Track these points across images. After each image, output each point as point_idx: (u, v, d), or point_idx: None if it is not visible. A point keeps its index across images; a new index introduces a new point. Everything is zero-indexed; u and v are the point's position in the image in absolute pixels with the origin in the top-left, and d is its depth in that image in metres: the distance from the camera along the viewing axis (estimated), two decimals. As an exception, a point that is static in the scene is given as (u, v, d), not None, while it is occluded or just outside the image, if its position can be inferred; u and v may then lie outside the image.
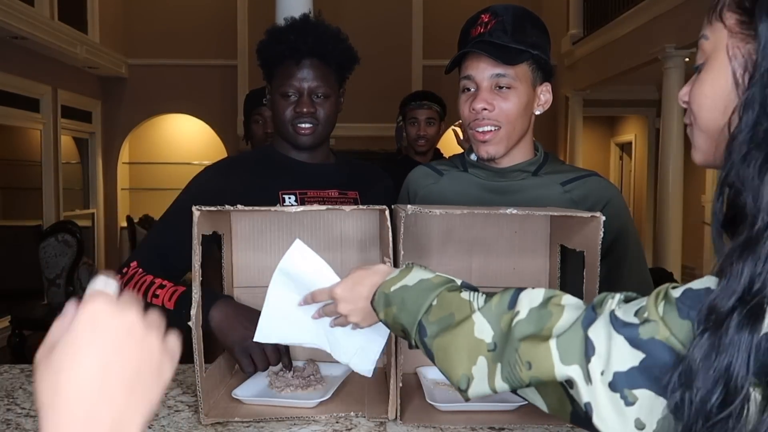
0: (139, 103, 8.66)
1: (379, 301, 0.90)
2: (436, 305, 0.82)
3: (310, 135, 1.53)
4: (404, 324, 0.85)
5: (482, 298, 0.78)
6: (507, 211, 1.14)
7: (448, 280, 0.86)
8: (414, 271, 0.89)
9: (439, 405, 1.18)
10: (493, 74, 1.31)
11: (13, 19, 5.60)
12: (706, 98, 0.69)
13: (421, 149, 3.01)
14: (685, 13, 5.29)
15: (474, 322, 0.75)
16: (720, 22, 0.67)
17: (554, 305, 0.71)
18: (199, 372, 1.15)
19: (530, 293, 0.73)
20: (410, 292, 0.86)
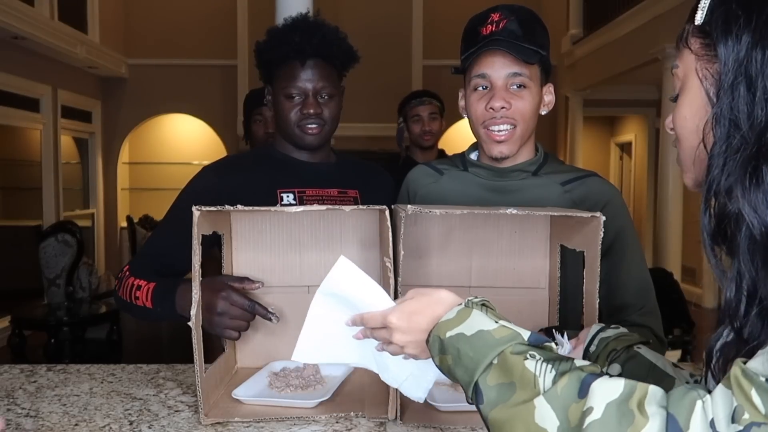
0: (139, 103, 8.67)
1: (434, 345, 0.80)
2: (497, 366, 0.71)
3: (318, 135, 1.52)
4: (459, 379, 0.76)
5: (551, 374, 0.66)
6: (507, 211, 1.14)
7: (512, 335, 0.73)
8: (473, 317, 0.77)
9: (439, 405, 1.18)
10: (510, 73, 1.31)
11: (13, 19, 5.60)
12: (686, 120, 0.72)
13: (427, 143, 3.07)
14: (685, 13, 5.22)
15: (536, 407, 0.65)
16: (687, 48, 0.72)
17: (637, 406, 0.59)
18: (199, 372, 1.15)
19: (606, 384, 0.62)
20: (467, 344, 0.75)
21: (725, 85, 0.65)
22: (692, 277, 7.37)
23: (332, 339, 0.99)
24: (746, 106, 0.64)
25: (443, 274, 1.39)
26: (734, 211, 0.62)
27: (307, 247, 1.41)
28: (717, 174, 0.64)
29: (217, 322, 1.24)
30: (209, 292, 1.25)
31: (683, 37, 0.73)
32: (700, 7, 0.70)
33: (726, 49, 0.65)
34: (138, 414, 1.20)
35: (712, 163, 0.65)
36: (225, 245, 1.38)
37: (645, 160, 8.98)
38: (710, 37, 0.68)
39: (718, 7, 0.67)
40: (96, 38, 7.71)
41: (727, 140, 0.64)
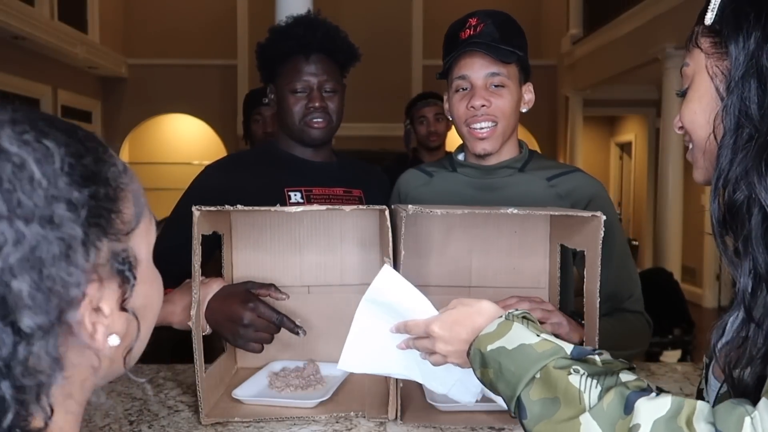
0: (139, 103, 8.67)
1: (475, 359, 0.79)
2: (540, 381, 0.70)
3: (323, 129, 1.53)
4: (501, 393, 0.75)
5: (596, 390, 0.66)
6: (508, 211, 1.14)
7: (555, 349, 0.72)
8: (514, 330, 0.77)
9: (439, 405, 1.18)
10: (488, 73, 1.36)
11: (13, 19, 5.60)
12: (696, 114, 0.76)
13: (434, 144, 3.11)
14: (685, 13, 5.28)
15: (581, 424, 0.64)
16: (697, 48, 0.75)
17: (686, 423, 0.60)
18: (199, 372, 1.15)
19: (652, 401, 0.62)
20: (509, 358, 0.74)
21: (736, 79, 0.68)
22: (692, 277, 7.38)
23: (377, 349, 0.98)
24: (757, 97, 0.67)
25: (443, 274, 1.39)
26: (745, 198, 0.65)
27: (307, 247, 1.41)
28: (727, 163, 0.68)
29: (242, 334, 1.21)
30: (234, 301, 1.22)
31: (693, 38, 0.76)
32: (710, 9, 0.73)
33: (736, 46, 0.69)
34: (138, 414, 1.20)
35: (722, 153, 0.69)
36: (225, 245, 1.37)
37: (645, 160, 8.98)
38: (720, 35, 0.71)
39: (729, 6, 0.71)
40: (96, 38, 7.71)
41: (737, 131, 0.68)
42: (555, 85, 8.70)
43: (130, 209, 0.53)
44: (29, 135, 0.46)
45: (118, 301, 0.51)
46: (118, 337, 0.52)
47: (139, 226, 0.54)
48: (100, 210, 0.49)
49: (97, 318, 0.50)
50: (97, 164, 0.50)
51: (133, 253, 0.53)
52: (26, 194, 0.43)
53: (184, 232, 1.18)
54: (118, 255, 0.51)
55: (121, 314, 0.52)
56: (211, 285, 1.26)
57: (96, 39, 7.71)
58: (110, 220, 0.50)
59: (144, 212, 0.55)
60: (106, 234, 0.50)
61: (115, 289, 0.51)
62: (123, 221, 0.52)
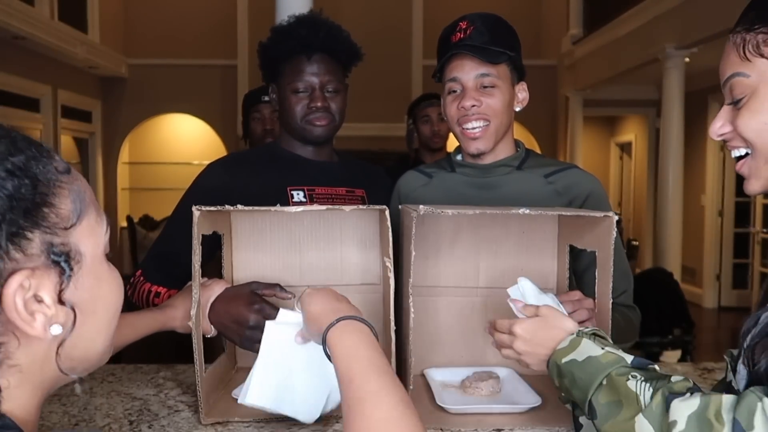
0: (139, 103, 8.67)
1: (553, 370, 0.92)
2: (606, 387, 0.81)
3: (326, 127, 1.53)
4: (576, 398, 0.86)
5: (649, 392, 0.76)
6: (519, 211, 1.13)
7: (617, 359, 0.83)
8: (583, 345, 0.88)
9: (448, 407, 1.17)
10: (478, 74, 1.39)
11: (13, 19, 5.60)
12: (760, 122, 0.75)
13: (437, 145, 3.09)
14: (685, 13, 5.28)
15: (636, 422, 0.75)
16: (759, 58, 0.74)
17: (714, 416, 0.68)
18: (199, 372, 1.15)
19: (685, 402, 0.71)
20: (579, 368, 0.85)
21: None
22: (692, 277, 7.38)
23: (281, 383, 1.03)
24: None
25: (451, 275, 1.39)
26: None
27: (307, 247, 1.41)
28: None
29: (248, 336, 1.20)
30: (240, 302, 1.21)
31: (750, 46, 0.75)
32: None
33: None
34: (138, 414, 1.20)
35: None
36: (225, 245, 1.37)
37: (645, 160, 8.98)
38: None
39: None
40: (96, 38, 7.71)
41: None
42: (555, 85, 8.70)
43: (67, 206, 0.57)
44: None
45: (57, 292, 0.55)
46: (61, 327, 0.55)
47: (81, 222, 0.58)
48: (27, 202, 0.53)
49: (39, 307, 0.53)
50: (28, 162, 0.54)
51: (74, 248, 0.56)
52: None
53: (185, 233, 1.18)
54: (53, 246, 0.54)
55: (59, 306, 0.55)
56: (213, 287, 1.26)
57: (96, 39, 7.71)
58: (42, 213, 0.54)
59: (87, 211, 0.59)
60: (38, 225, 0.54)
61: (54, 281, 0.54)
62: (59, 216, 0.55)
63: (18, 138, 0.57)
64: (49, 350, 0.56)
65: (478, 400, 1.24)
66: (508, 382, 1.30)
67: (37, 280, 0.53)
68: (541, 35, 9.16)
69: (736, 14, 0.82)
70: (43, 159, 0.56)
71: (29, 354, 0.55)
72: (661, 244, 5.87)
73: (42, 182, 0.55)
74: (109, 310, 0.62)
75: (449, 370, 1.35)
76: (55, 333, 0.54)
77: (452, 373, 1.34)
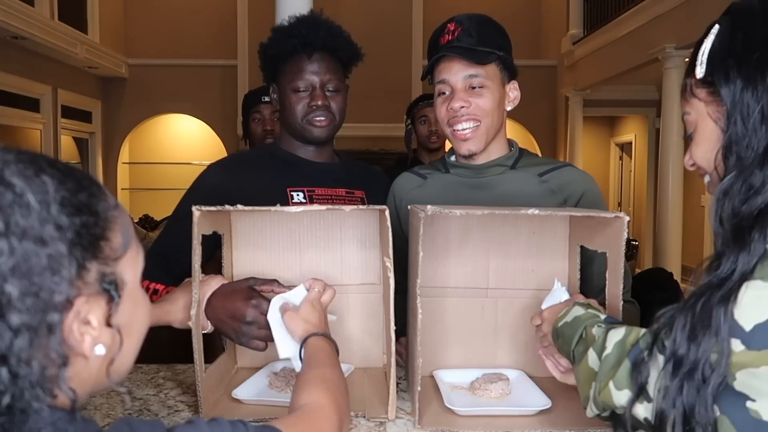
0: (139, 103, 8.67)
1: (554, 335, 1.07)
2: (583, 339, 0.97)
3: (326, 127, 1.53)
4: (566, 353, 1.02)
5: (602, 332, 0.92)
6: (529, 212, 1.13)
7: (593, 315, 1.00)
8: (574, 309, 1.04)
9: (458, 409, 1.17)
10: (466, 75, 1.39)
11: (13, 19, 5.60)
12: (708, 153, 0.88)
13: (434, 146, 3.10)
14: (685, 13, 5.28)
15: (588, 355, 0.91)
16: (695, 98, 0.88)
17: (630, 343, 0.85)
18: (199, 372, 1.15)
19: (614, 331, 0.89)
20: (569, 327, 1.01)
21: (732, 119, 0.82)
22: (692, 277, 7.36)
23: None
24: (744, 135, 0.81)
25: (460, 275, 1.38)
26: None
27: (307, 247, 1.41)
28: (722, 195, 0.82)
29: (245, 332, 1.20)
30: (237, 298, 1.21)
31: (688, 90, 0.89)
32: (698, 64, 0.87)
33: (728, 92, 0.82)
34: (138, 414, 1.19)
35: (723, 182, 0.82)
36: (225, 245, 1.37)
37: (645, 160, 8.98)
38: (714, 85, 0.84)
39: (715, 60, 0.84)
40: (96, 38, 7.71)
41: (737, 164, 0.81)
42: (555, 85, 8.70)
43: (118, 239, 0.63)
44: (30, 171, 0.56)
45: (105, 317, 0.61)
46: (104, 347, 0.61)
47: (126, 254, 0.64)
48: (90, 236, 0.59)
49: (86, 329, 0.59)
50: (90, 199, 0.60)
51: (120, 277, 0.62)
52: (22, 217, 0.54)
53: (185, 232, 1.18)
54: (105, 276, 0.60)
55: (107, 328, 0.61)
56: (210, 282, 1.26)
57: (96, 39, 7.71)
58: (99, 246, 0.60)
59: (131, 242, 0.65)
60: (96, 257, 0.59)
61: (102, 306, 0.60)
62: (111, 248, 0.62)
63: (80, 176, 0.62)
64: (101, 367, 0.62)
65: (488, 402, 1.23)
66: (518, 384, 1.29)
67: (89, 306, 0.59)
68: (541, 35, 9.16)
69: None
70: (101, 196, 0.62)
71: (82, 370, 0.60)
72: (661, 244, 5.88)
73: (101, 218, 0.61)
74: (141, 332, 0.69)
75: (458, 372, 1.34)
76: (99, 353, 0.60)
77: (461, 375, 1.33)
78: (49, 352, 0.55)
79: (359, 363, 1.40)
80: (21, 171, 0.56)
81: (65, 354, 0.57)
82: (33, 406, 0.54)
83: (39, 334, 0.54)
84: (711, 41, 0.86)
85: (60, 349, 0.56)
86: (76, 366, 0.59)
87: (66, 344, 0.57)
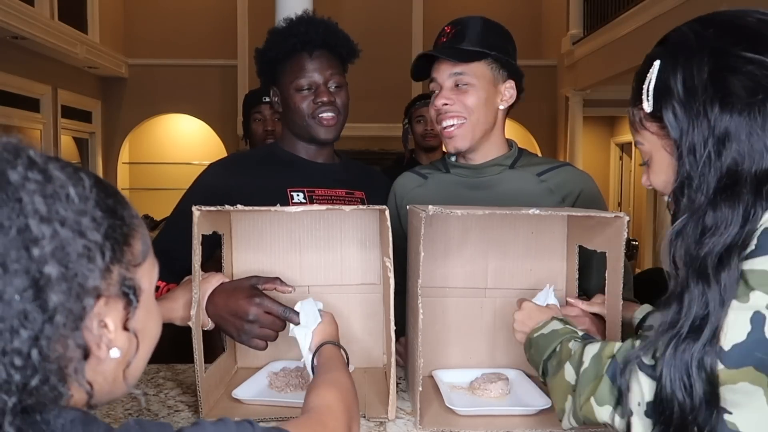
0: (139, 103, 8.67)
1: (526, 344, 1.09)
2: (557, 352, 0.98)
3: (334, 125, 1.53)
4: (535, 364, 1.04)
5: (579, 346, 0.93)
6: (528, 212, 1.13)
7: (571, 331, 1.01)
8: (552, 323, 1.05)
9: (459, 409, 1.17)
10: (452, 73, 1.42)
11: (13, 19, 5.60)
12: (663, 179, 0.91)
13: (430, 144, 3.10)
14: (685, 13, 5.28)
15: (564, 370, 0.93)
16: (646, 131, 0.91)
17: (606, 356, 0.87)
18: (199, 372, 1.15)
19: (591, 346, 0.91)
20: (544, 338, 1.03)
21: (681, 153, 0.83)
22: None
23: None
24: (689, 165, 0.82)
25: (459, 275, 1.38)
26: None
27: (307, 247, 1.41)
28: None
29: (247, 330, 1.19)
30: (240, 296, 1.20)
31: (638, 121, 0.92)
32: (645, 98, 0.88)
33: (671, 125, 0.84)
34: (138, 414, 1.19)
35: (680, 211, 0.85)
36: (225, 245, 1.37)
37: (645, 160, 8.97)
38: (661, 120, 0.86)
39: (662, 99, 0.85)
40: (96, 38, 7.71)
41: (682, 191, 0.84)
42: (555, 85, 8.70)
43: (139, 246, 0.66)
44: (69, 168, 0.61)
45: (122, 320, 0.63)
46: (119, 351, 0.62)
47: (145, 262, 0.67)
48: (116, 239, 0.62)
49: (103, 332, 0.61)
50: (116, 205, 0.64)
51: (137, 283, 0.65)
52: (62, 206, 0.57)
53: (185, 230, 1.18)
54: (126, 280, 0.63)
55: (123, 332, 0.63)
56: (210, 280, 1.26)
57: (96, 39, 7.71)
58: (123, 250, 0.63)
59: (149, 253, 0.69)
60: (119, 261, 0.62)
61: (119, 310, 0.62)
62: (133, 254, 0.65)
63: (107, 183, 0.66)
64: (116, 370, 0.64)
65: (487, 401, 1.23)
66: (518, 384, 1.29)
67: (108, 308, 0.61)
68: (541, 35, 9.16)
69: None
70: (126, 204, 0.66)
71: (98, 372, 0.62)
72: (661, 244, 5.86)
73: (126, 223, 0.64)
74: (152, 341, 0.71)
75: (458, 372, 1.35)
76: (114, 356, 0.62)
77: (461, 375, 1.33)
78: (75, 341, 0.57)
79: (359, 363, 1.40)
80: (62, 167, 0.60)
81: (86, 347, 0.59)
82: (59, 389, 0.56)
83: (70, 318, 0.56)
84: (655, 77, 0.87)
85: (82, 342, 0.58)
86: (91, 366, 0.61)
87: (87, 340, 0.59)
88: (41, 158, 0.58)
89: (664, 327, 0.80)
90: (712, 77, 0.80)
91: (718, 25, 0.84)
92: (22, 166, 0.56)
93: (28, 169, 0.56)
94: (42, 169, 0.57)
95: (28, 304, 0.54)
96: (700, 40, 0.83)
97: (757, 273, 0.74)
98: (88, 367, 0.60)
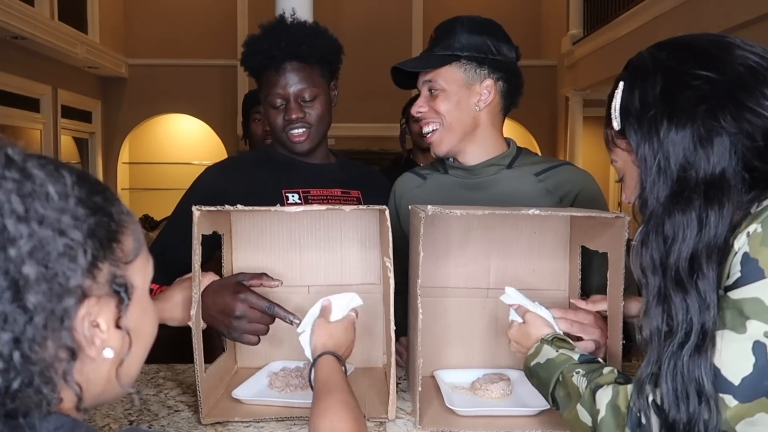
0: (139, 103, 8.66)
1: (526, 373, 1.09)
2: (561, 382, 0.98)
3: (305, 141, 1.53)
4: (544, 395, 1.03)
5: (584, 385, 0.92)
6: (530, 212, 1.13)
7: (567, 359, 1.00)
8: (544, 349, 1.05)
9: (459, 410, 1.17)
10: (424, 81, 1.44)
11: (13, 19, 5.60)
12: (634, 191, 0.93)
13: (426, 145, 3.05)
14: (685, 13, 5.28)
15: (578, 411, 0.92)
16: (618, 148, 0.96)
17: (622, 403, 0.85)
18: (199, 372, 1.15)
19: (604, 392, 0.88)
20: (542, 369, 1.03)
21: (647, 169, 0.87)
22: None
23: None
24: (649, 182, 0.86)
25: (461, 275, 1.38)
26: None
27: (307, 247, 1.41)
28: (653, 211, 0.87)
29: (236, 326, 1.20)
30: (226, 293, 1.21)
31: (611, 140, 0.97)
32: (613, 117, 0.94)
33: (637, 145, 0.88)
34: (138, 414, 1.20)
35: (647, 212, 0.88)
36: (225, 245, 1.38)
37: (645, 160, 8.98)
38: (627, 137, 0.91)
39: (623, 118, 0.91)
40: (96, 38, 7.71)
41: (648, 210, 0.87)
42: (555, 85, 8.70)
43: (129, 243, 0.65)
44: (50, 166, 0.59)
45: (114, 319, 0.62)
46: (113, 350, 0.62)
47: (137, 259, 0.66)
48: (103, 236, 0.61)
49: (95, 332, 0.60)
50: (105, 202, 0.63)
51: (130, 281, 0.64)
52: (41, 205, 0.56)
53: (184, 231, 1.18)
54: (116, 278, 0.62)
55: (116, 331, 0.62)
56: (201, 281, 1.26)
57: (96, 39, 7.71)
58: (111, 247, 0.62)
59: (142, 249, 0.67)
60: (107, 258, 0.61)
61: (111, 309, 0.61)
62: (123, 251, 0.63)
63: (95, 180, 0.64)
64: (110, 370, 0.63)
65: (489, 402, 1.23)
66: (519, 384, 1.28)
67: (99, 307, 0.60)
68: (541, 35, 9.16)
69: (736, 14, 0.85)
70: (114, 201, 0.65)
71: (91, 372, 0.61)
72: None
73: (115, 220, 0.63)
74: (148, 340, 0.71)
75: (459, 372, 1.35)
76: (107, 356, 0.61)
77: (462, 375, 1.33)
78: (59, 342, 0.56)
79: (359, 363, 1.40)
80: (42, 165, 0.58)
81: (74, 348, 0.58)
82: (43, 392, 0.55)
83: (52, 319, 0.55)
84: (620, 97, 0.93)
85: (70, 342, 0.57)
86: (83, 366, 0.60)
87: (75, 340, 0.58)
88: (20, 156, 0.57)
89: (655, 342, 0.83)
90: (662, 94, 0.86)
91: (672, 47, 0.91)
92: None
93: (5, 168, 0.55)
94: (20, 168, 0.56)
95: (8, 305, 0.53)
96: (655, 62, 0.91)
97: (749, 301, 0.76)
98: (80, 368, 0.59)
